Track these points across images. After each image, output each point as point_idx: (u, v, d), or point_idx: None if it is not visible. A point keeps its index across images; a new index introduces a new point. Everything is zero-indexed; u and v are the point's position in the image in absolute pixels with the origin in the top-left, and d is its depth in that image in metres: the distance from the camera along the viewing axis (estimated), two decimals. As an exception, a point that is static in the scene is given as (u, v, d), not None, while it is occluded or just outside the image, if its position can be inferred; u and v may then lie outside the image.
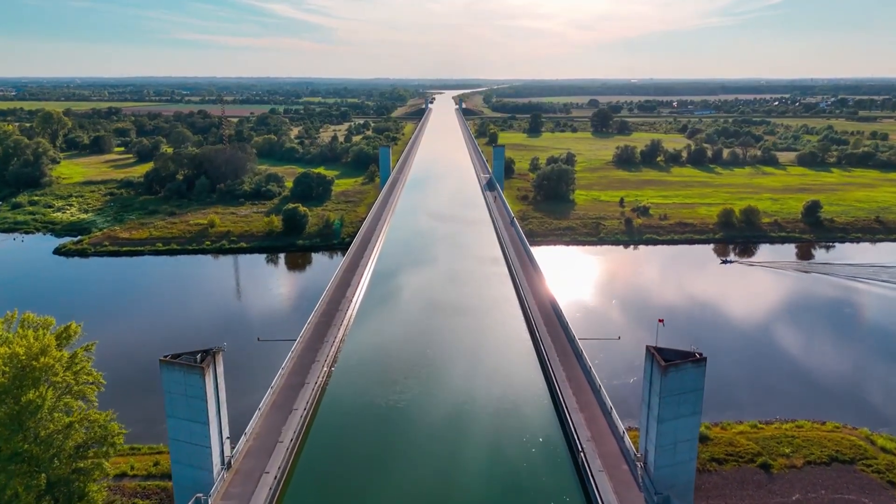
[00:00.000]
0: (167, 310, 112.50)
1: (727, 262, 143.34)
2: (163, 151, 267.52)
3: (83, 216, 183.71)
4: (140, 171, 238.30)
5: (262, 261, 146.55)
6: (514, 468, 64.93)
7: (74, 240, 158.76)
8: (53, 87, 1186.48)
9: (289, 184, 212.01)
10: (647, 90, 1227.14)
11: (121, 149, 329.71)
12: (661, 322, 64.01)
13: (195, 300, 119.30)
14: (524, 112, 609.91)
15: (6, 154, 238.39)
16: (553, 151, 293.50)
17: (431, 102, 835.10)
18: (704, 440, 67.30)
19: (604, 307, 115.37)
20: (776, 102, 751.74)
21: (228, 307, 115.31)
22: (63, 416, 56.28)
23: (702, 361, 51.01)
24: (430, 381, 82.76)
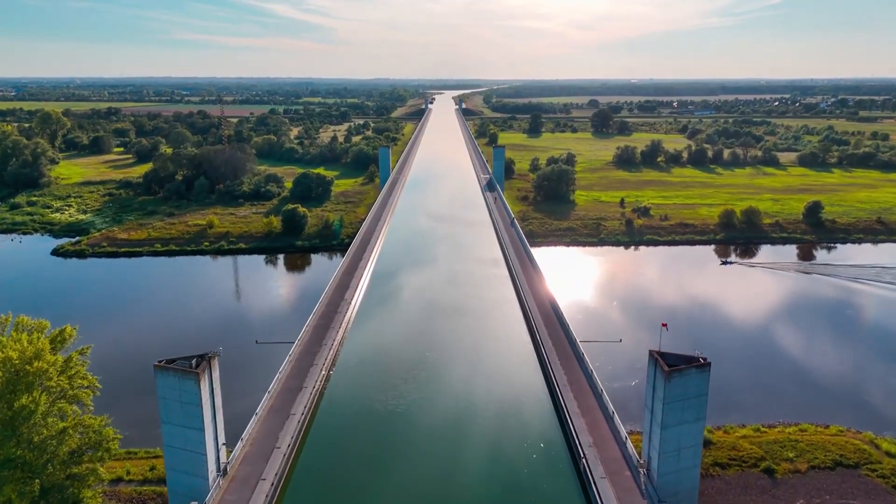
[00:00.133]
0: (165, 311, 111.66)
1: (727, 263, 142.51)
2: (162, 152, 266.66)
3: (81, 217, 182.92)
4: (139, 172, 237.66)
5: (261, 262, 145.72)
6: (515, 474, 64.02)
7: (72, 241, 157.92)
8: (53, 88, 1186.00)
9: (288, 184, 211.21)
10: (648, 90, 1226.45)
11: (120, 149, 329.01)
12: (665, 326, 63.05)
13: (193, 302, 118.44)
14: (524, 112, 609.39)
15: (5, 154, 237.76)
16: (553, 152, 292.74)
17: (431, 103, 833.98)
18: (707, 444, 66.42)
19: (605, 308, 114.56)
20: (776, 103, 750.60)
21: (226, 309, 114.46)
22: (57, 422, 55.62)
23: (706, 366, 50.02)
24: (430, 385, 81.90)
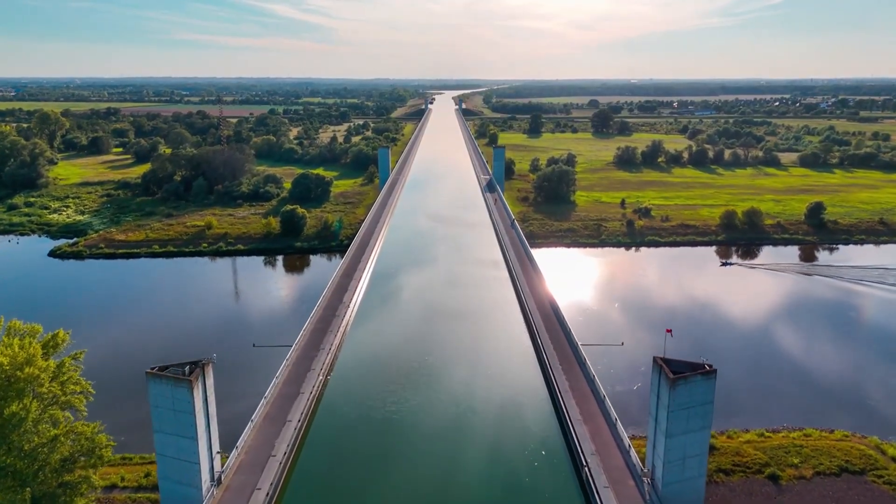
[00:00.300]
0: (163, 313, 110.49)
1: (727, 265, 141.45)
2: (160, 152, 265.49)
3: (79, 218, 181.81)
4: (138, 172, 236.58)
5: (260, 263, 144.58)
6: (517, 483, 62.81)
7: (70, 242, 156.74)
8: (53, 88, 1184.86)
9: (287, 185, 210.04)
10: (648, 90, 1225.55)
11: (119, 149, 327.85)
12: (670, 332, 61.79)
13: (191, 304, 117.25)
14: (524, 112, 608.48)
15: (3, 155, 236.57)
16: (553, 152, 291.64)
17: (431, 103, 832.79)
18: (711, 450, 64.80)
19: (606, 310, 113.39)
20: (776, 103, 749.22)
21: (224, 311, 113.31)
22: (49, 429, 54.60)
23: (712, 373, 48.74)
24: (429, 390, 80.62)
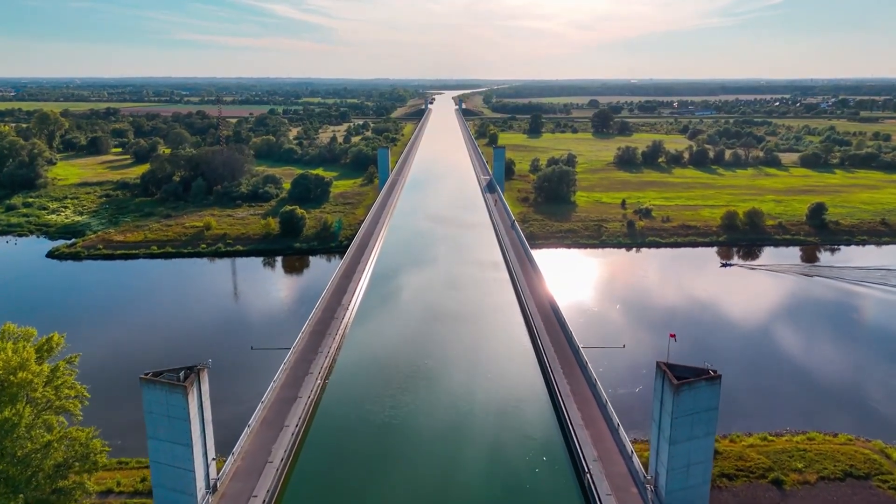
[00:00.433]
0: (161, 315, 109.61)
1: (727, 266, 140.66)
2: (160, 153, 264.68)
3: (78, 218, 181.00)
4: (137, 173, 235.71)
5: (259, 264, 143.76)
6: (518, 490, 61.80)
7: (68, 243, 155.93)
8: (52, 88, 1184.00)
9: (287, 185, 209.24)
10: (648, 90, 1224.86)
11: (118, 150, 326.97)
12: (673, 337, 60.89)
13: (189, 305, 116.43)
14: (524, 112, 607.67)
15: (1, 155, 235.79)
16: (553, 152, 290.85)
17: (431, 103, 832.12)
18: (714, 454, 64.39)
19: (607, 312, 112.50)
20: (777, 103, 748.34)
21: (223, 312, 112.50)
22: (43, 434, 53.78)
23: (716, 379, 47.79)
24: (428, 395, 79.68)
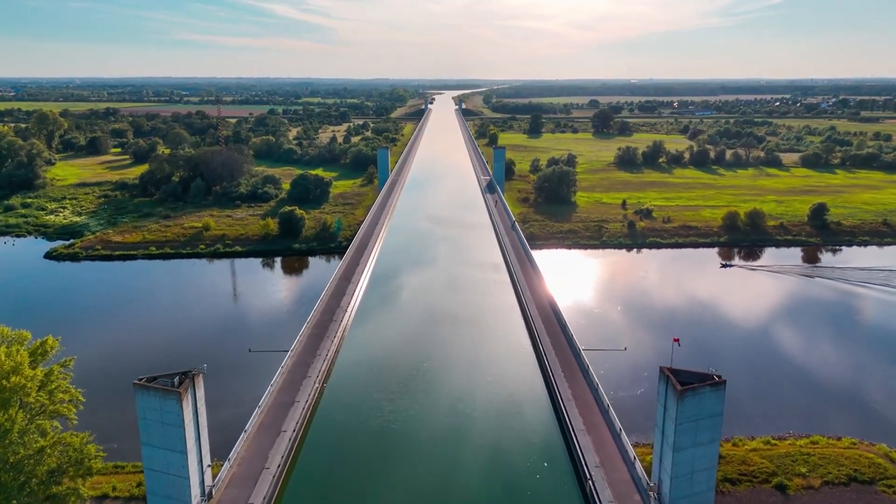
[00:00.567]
0: (158, 316, 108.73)
1: (727, 267, 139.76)
2: (159, 153, 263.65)
3: (76, 219, 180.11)
4: (136, 173, 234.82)
5: (258, 265, 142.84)
6: (519, 496, 60.83)
7: (66, 243, 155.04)
8: (52, 88, 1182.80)
9: (286, 186, 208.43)
10: (648, 90, 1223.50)
11: (117, 150, 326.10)
12: (677, 341, 59.92)
13: (188, 306, 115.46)
14: (524, 112, 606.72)
15: (0, 155, 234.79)
16: (554, 152, 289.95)
17: (431, 103, 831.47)
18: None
19: (608, 313, 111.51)
20: (777, 103, 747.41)
21: (221, 314, 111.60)
22: (36, 439, 52.93)
23: (721, 385, 46.84)
24: (428, 399, 78.68)
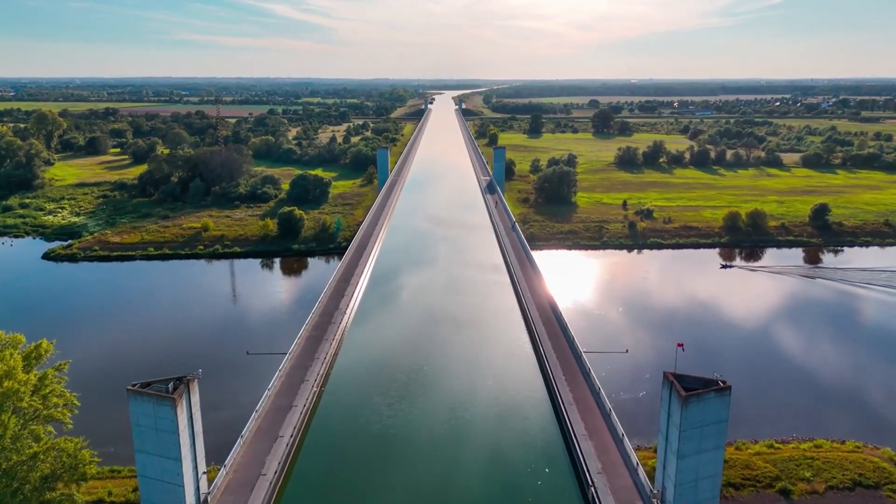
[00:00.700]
0: (157, 317, 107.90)
1: (727, 267, 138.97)
2: (158, 153, 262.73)
3: (74, 219, 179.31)
4: (135, 173, 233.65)
5: (257, 266, 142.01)
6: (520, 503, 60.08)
7: (64, 244, 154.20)
8: (52, 88, 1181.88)
9: (285, 186, 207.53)
10: (648, 90, 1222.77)
11: (116, 150, 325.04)
12: (681, 346, 59.06)
13: (186, 307, 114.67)
14: (524, 112, 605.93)
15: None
16: (554, 152, 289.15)
17: (431, 103, 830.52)
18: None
19: (609, 314, 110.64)
20: (777, 103, 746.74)
21: (219, 315, 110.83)
22: (30, 444, 52.14)
23: (726, 390, 45.93)
24: (427, 402, 77.81)
